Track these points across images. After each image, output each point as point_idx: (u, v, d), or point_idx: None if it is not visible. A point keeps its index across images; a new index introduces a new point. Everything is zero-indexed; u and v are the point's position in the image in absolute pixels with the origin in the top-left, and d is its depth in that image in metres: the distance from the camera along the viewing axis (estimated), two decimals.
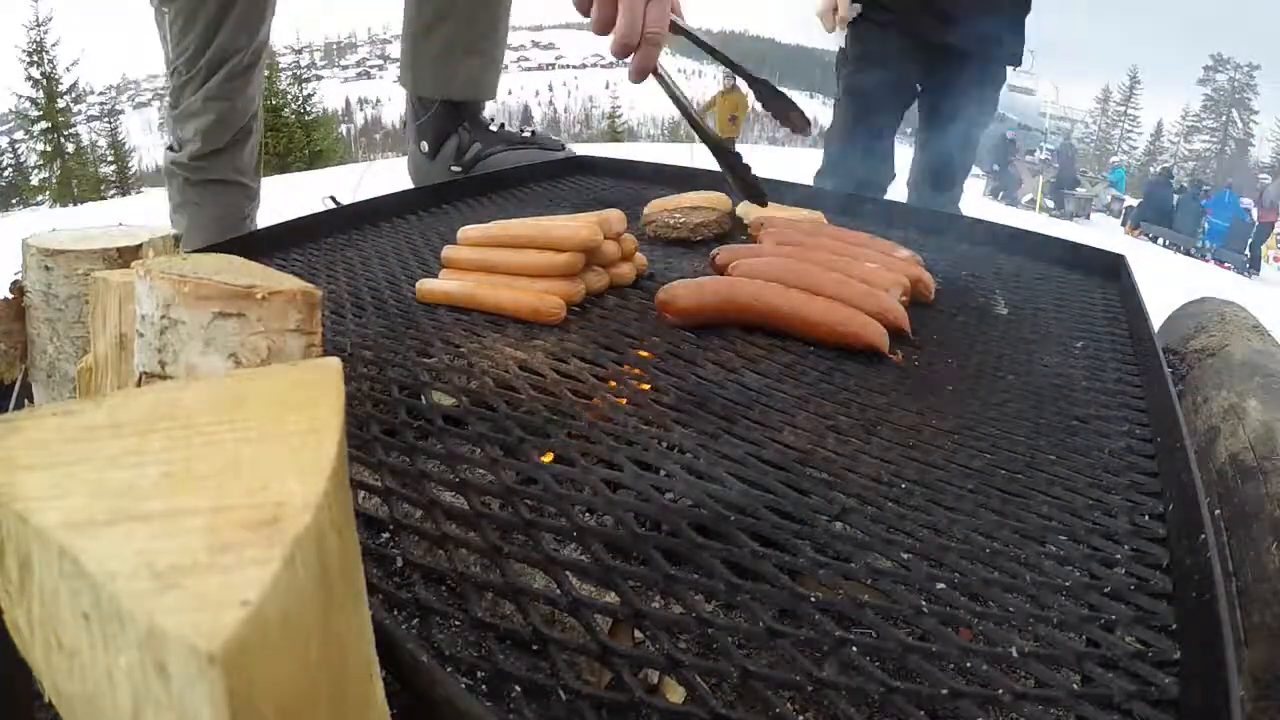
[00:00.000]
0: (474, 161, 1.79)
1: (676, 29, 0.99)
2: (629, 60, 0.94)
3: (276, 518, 0.23)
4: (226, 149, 1.63)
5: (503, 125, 1.86)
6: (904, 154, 2.06)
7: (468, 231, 1.01)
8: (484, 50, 1.74)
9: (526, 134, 1.86)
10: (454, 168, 1.79)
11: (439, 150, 1.81)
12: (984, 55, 1.86)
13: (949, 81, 1.90)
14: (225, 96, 1.59)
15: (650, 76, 0.96)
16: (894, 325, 0.89)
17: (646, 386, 0.78)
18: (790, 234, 1.10)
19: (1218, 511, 0.75)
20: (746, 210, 1.36)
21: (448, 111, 1.79)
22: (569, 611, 0.49)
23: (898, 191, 2.03)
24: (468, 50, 1.71)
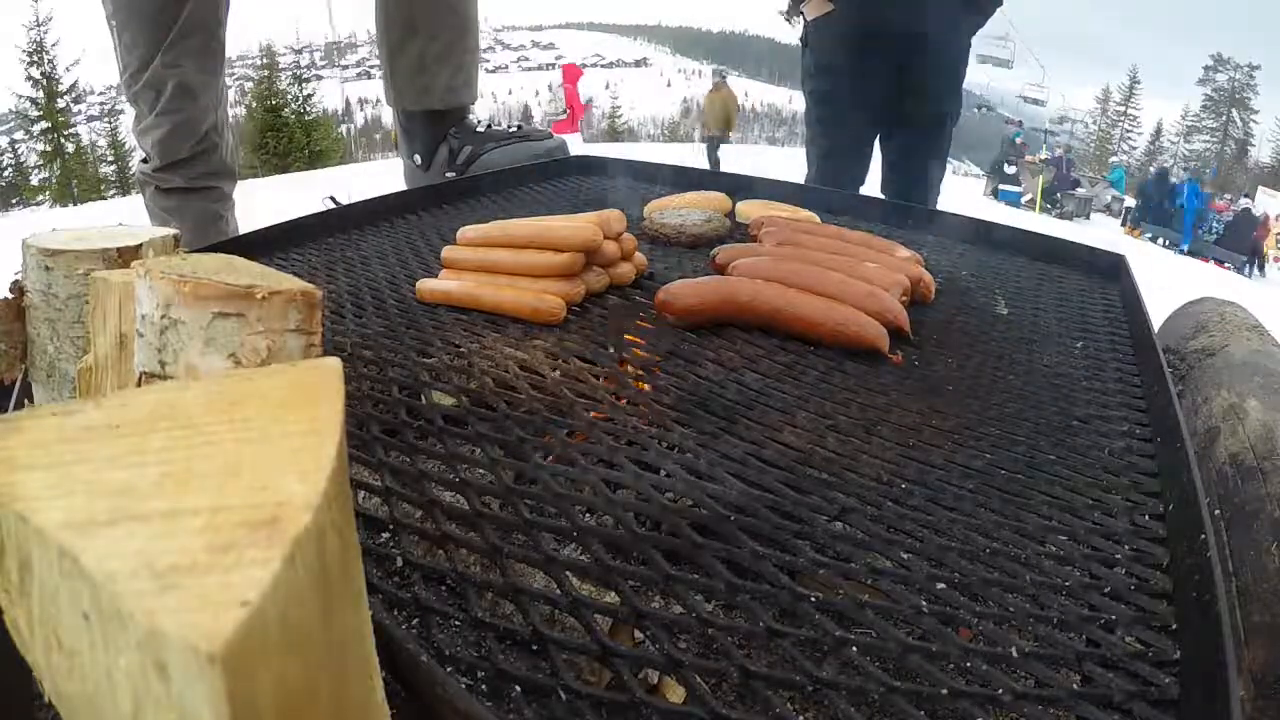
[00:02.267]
0: (467, 165, 1.80)
1: None
2: None
3: (276, 518, 0.23)
4: (190, 159, 1.64)
5: (489, 125, 1.86)
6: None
7: (467, 232, 1.01)
8: (457, 55, 1.75)
9: (513, 129, 1.87)
10: (448, 174, 1.80)
11: (432, 160, 1.82)
12: (941, 39, 1.82)
13: (910, 76, 1.85)
14: (177, 109, 1.59)
15: None
16: (894, 325, 0.89)
17: (646, 386, 0.78)
18: (790, 234, 1.10)
19: (1218, 511, 0.75)
20: (746, 210, 1.36)
21: (434, 121, 1.79)
22: (569, 611, 0.49)
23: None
24: (441, 59, 1.73)
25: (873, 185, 2.06)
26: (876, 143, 2.01)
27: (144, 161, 1.68)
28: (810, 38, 1.95)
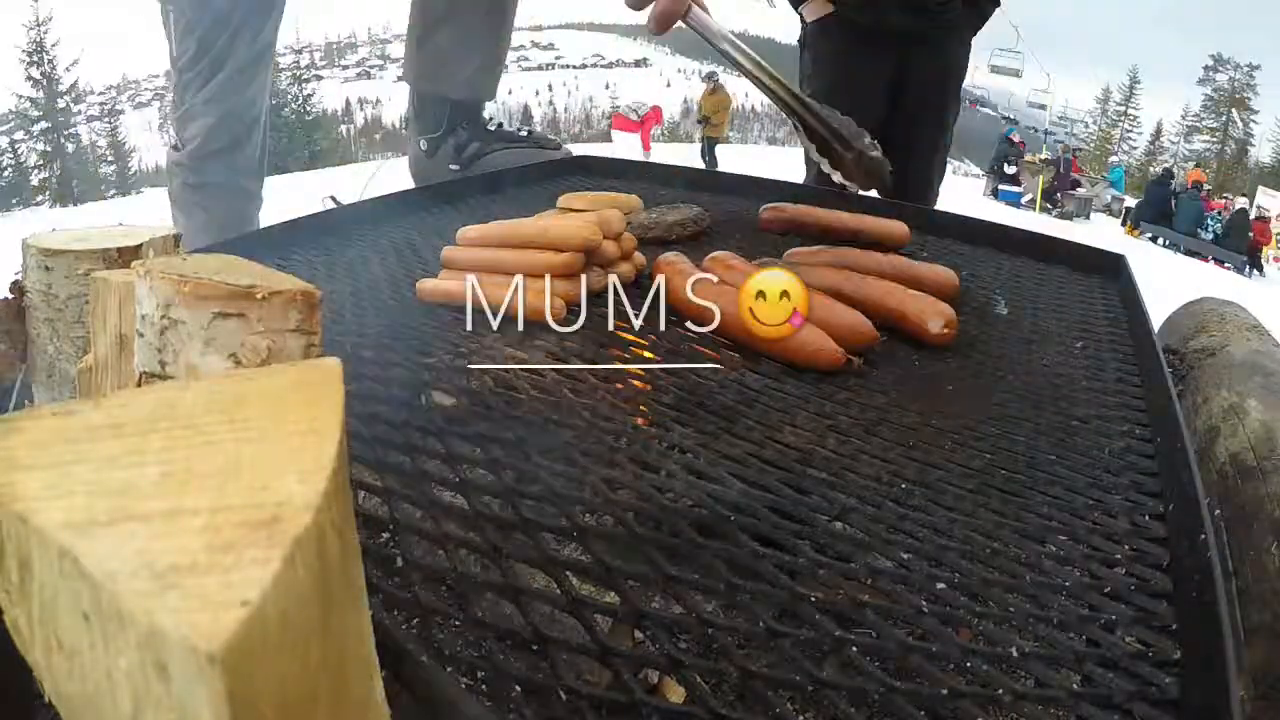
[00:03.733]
0: (472, 160, 1.80)
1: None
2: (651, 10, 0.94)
3: (276, 518, 0.23)
4: (227, 150, 1.63)
5: (500, 125, 1.86)
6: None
7: (467, 232, 1.01)
8: (485, 51, 1.75)
9: (523, 133, 1.87)
10: (452, 166, 1.80)
11: (438, 149, 1.82)
12: (942, 38, 1.81)
13: (910, 77, 1.83)
14: (225, 98, 1.59)
15: (681, 24, 0.96)
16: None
17: (646, 386, 0.78)
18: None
19: (1218, 511, 0.75)
20: (568, 203, 1.34)
21: (448, 110, 1.79)
22: (569, 611, 0.49)
23: None
24: (469, 50, 1.72)
25: None
26: None
27: (175, 149, 1.67)
28: (809, 39, 1.94)
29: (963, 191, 12.83)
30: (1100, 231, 11.37)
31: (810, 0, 1.87)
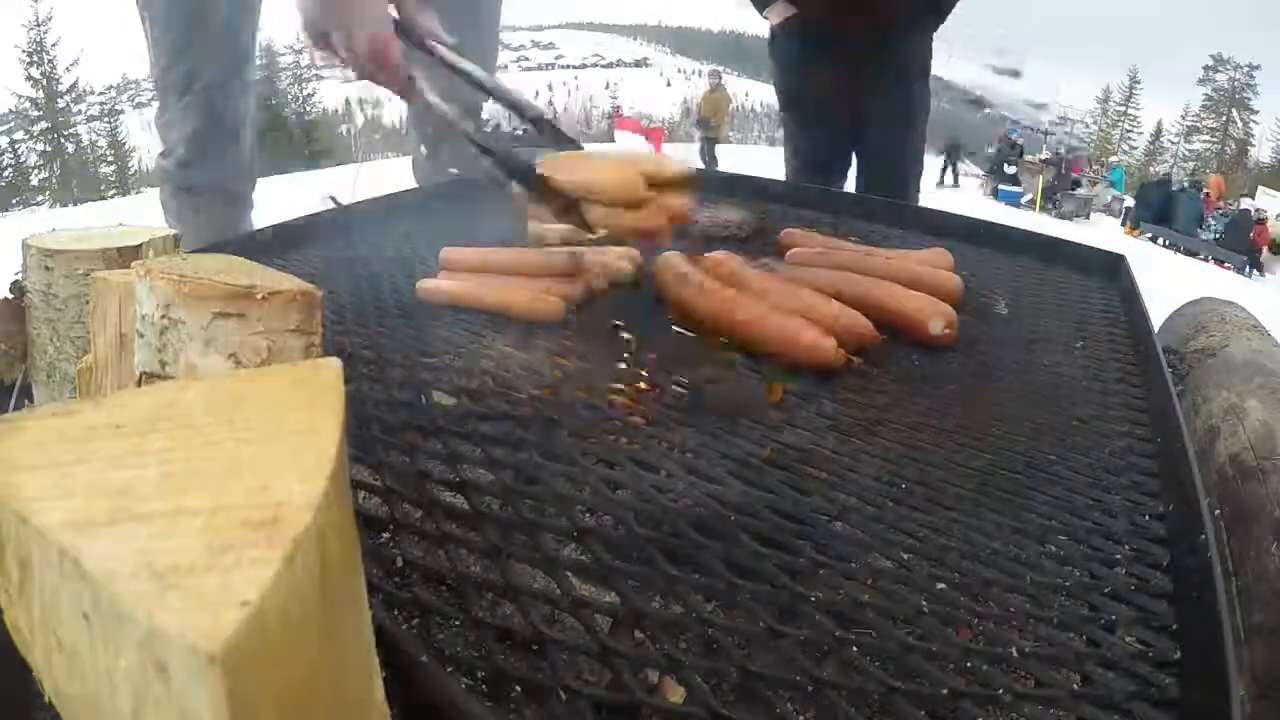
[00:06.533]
0: (470, 161, 1.81)
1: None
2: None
3: (276, 518, 0.23)
4: (212, 155, 1.63)
5: (498, 125, 1.87)
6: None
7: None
8: (473, 54, 1.76)
9: (520, 132, 1.88)
10: (451, 169, 1.81)
11: (438, 151, 1.83)
12: (897, 33, 1.79)
13: (874, 78, 1.80)
14: (207, 105, 1.59)
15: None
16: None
17: (646, 386, 0.78)
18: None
19: (1218, 511, 0.75)
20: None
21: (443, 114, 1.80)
22: (569, 611, 0.49)
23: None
24: (459, 55, 1.73)
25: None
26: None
27: (163, 156, 1.67)
28: (775, 44, 1.94)
29: (963, 191, 12.82)
30: (1100, 231, 11.35)
31: (775, 4, 1.86)
